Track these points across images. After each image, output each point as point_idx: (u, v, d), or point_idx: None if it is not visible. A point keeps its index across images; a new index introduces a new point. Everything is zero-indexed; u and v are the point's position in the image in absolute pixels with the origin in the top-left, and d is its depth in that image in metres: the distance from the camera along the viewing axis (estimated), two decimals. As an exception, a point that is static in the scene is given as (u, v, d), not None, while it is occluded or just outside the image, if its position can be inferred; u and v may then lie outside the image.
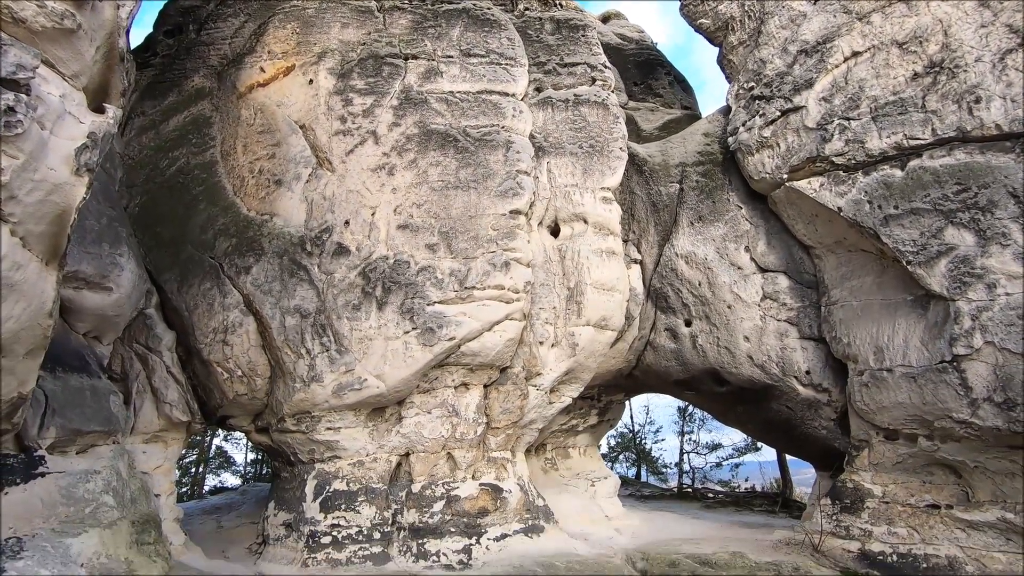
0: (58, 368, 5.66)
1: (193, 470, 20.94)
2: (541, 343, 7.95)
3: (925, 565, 6.23)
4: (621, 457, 19.79)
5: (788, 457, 12.45)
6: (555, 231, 8.59)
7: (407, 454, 7.38)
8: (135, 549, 4.96)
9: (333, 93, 8.10)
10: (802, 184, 7.51)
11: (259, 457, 21.53)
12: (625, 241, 9.25)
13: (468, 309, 7.28)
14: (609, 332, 8.31)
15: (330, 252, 7.37)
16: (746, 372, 8.26)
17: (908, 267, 6.41)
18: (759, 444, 16.12)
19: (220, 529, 9.27)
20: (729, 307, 8.37)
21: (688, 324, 8.88)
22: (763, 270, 8.38)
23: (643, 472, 17.91)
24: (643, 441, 18.13)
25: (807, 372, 7.89)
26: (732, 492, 13.36)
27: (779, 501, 11.06)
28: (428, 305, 7.18)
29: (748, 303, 8.26)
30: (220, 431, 20.94)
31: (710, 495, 12.63)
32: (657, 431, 17.96)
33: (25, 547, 4.15)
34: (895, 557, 6.43)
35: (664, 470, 18.62)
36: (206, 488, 19.79)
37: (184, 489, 20.11)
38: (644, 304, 9.13)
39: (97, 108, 3.84)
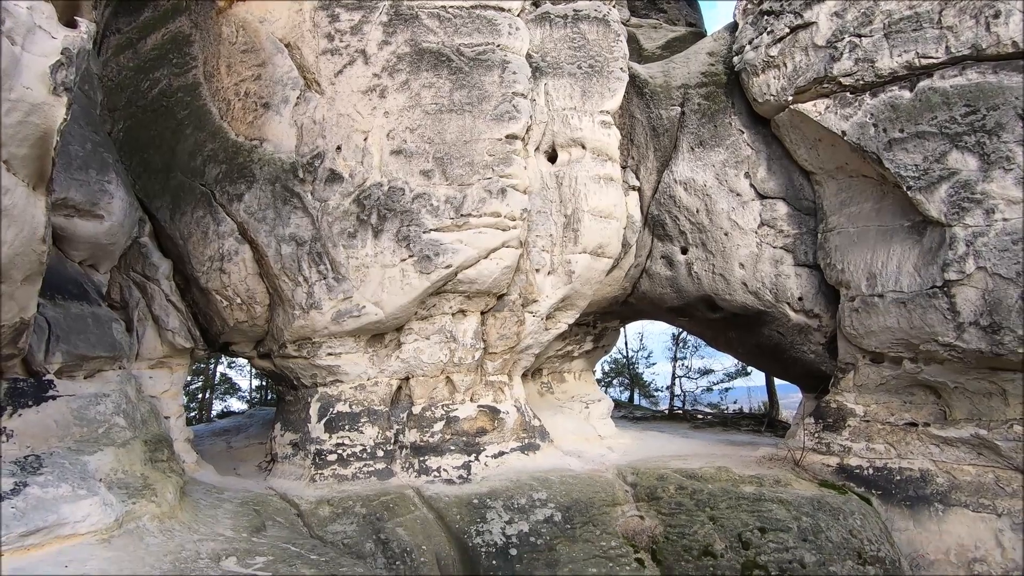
0: (58, 296, 5.70)
1: (200, 396, 21.62)
2: (538, 270, 7.99)
3: (899, 477, 6.61)
4: (615, 382, 20.47)
5: (776, 381, 12.89)
6: (552, 157, 8.41)
7: (407, 378, 7.60)
8: (149, 466, 5.20)
9: (318, 8, 7.66)
10: (807, 107, 7.28)
11: (264, 383, 22.16)
12: (623, 167, 9.08)
13: (464, 237, 7.25)
14: (606, 260, 8.34)
15: (323, 179, 7.24)
16: (740, 299, 8.37)
17: (908, 193, 6.36)
18: (749, 369, 16.64)
19: (230, 449, 9.71)
20: (726, 234, 8.36)
21: (684, 252, 8.90)
22: (762, 197, 8.30)
23: (636, 396, 18.57)
24: (636, 367, 18.70)
25: (799, 298, 8.00)
26: (720, 413, 13.94)
27: (765, 422, 11.56)
28: (424, 233, 7.15)
29: (745, 230, 8.24)
30: (224, 358, 21.43)
31: (699, 416, 13.18)
32: (649, 357, 18.47)
33: (44, 463, 4.35)
34: (871, 471, 6.81)
35: (656, 394, 19.31)
36: (214, 413, 20.52)
37: (192, 414, 20.86)
38: (641, 232, 9.10)
39: (68, 22, 3.63)
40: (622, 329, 12.78)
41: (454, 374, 7.62)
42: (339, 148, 7.34)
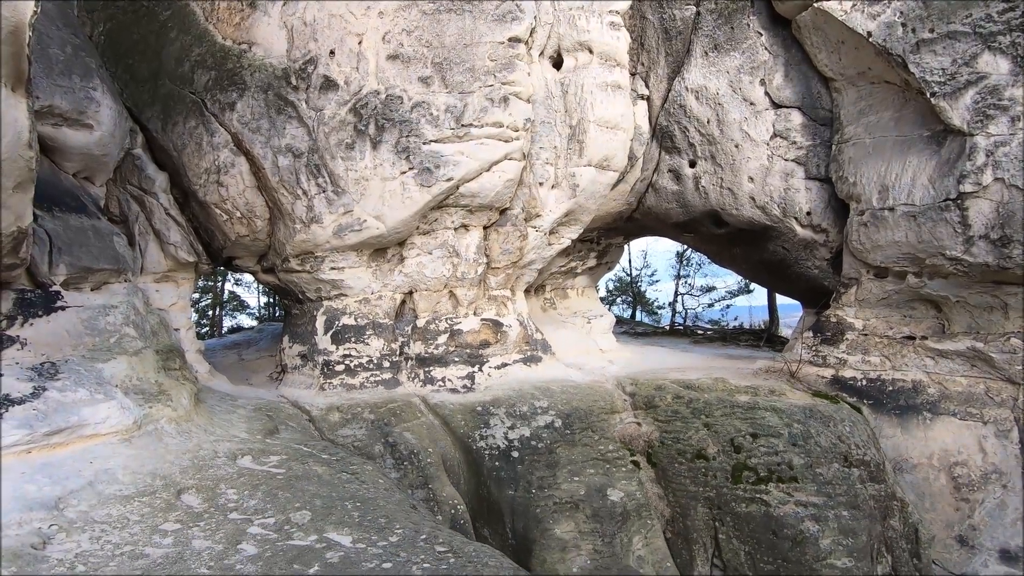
0: (55, 208, 5.64)
1: (211, 312, 22.08)
2: (541, 184, 7.82)
3: (891, 388, 6.79)
4: (619, 300, 20.69)
5: (778, 299, 12.97)
6: (557, 63, 7.97)
7: (411, 292, 7.67)
8: (163, 374, 5.37)
9: None
10: (831, 4, 6.77)
11: (272, 300, 22.54)
12: (632, 75, 8.63)
13: (466, 148, 7.04)
14: (611, 173, 8.12)
15: (317, 86, 6.92)
16: (747, 213, 8.23)
17: (931, 99, 6.04)
18: (751, 287, 16.73)
19: (242, 361, 10.02)
20: (736, 146, 8.08)
21: (692, 165, 8.64)
22: (776, 106, 7.93)
23: (638, 314, 18.83)
24: (640, 285, 18.81)
25: (808, 213, 7.86)
26: (720, 329, 14.16)
27: (764, 337, 11.76)
28: (424, 144, 6.93)
29: (756, 142, 7.95)
30: (232, 276, 21.67)
31: (699, 331, 13.40)
32: (653, 275, 18.53)
33: (60, 370, 4.49)
34: (864, 382, 6.98)
35: (658, 312, 19.57)
36: (224, 329, 21.04)
37: (204, 330, 21.41)
38: (648, 144, 8.80)
39: (26, -100, 3.31)
40: (626, 246, 12.71)
41: (457, 288, 7.68)
42: (332, 52, 6.95)
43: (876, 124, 7.07)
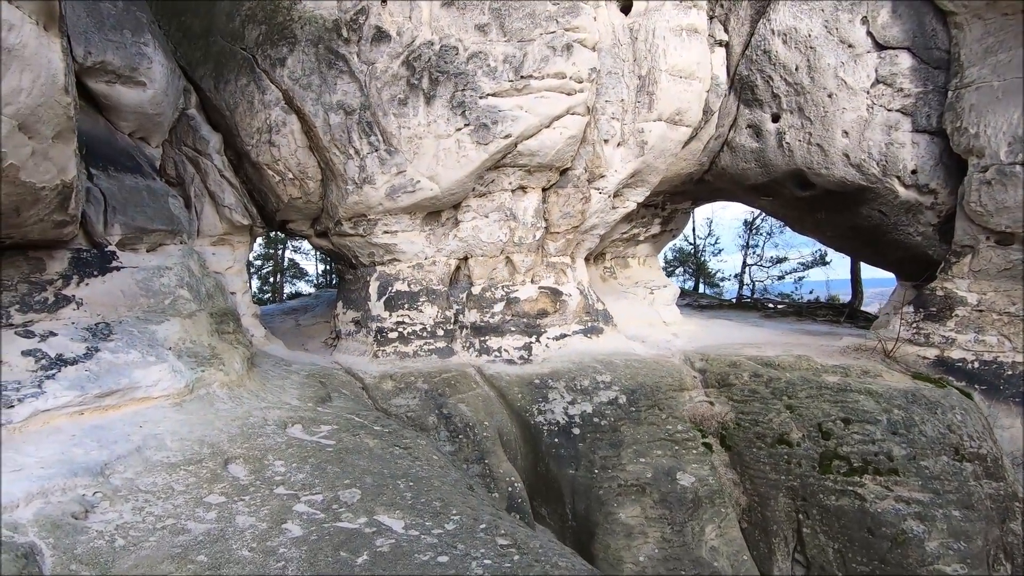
0: (110, 167, 5.56)
1: (272, 279, 22.71)
2: (606, 141, 7.19)
3: (1010, 372, 5.91)
4: (679, 271, 19.75)
5: (862, 270, 11.84)
6: (626, 6, 7.24)
7: (465, 258, 7.31)
8: (216, 337, 5.26)
9: None
10: (962, -81, 5.71)
11: (328, 267, 22.93)
12: (710, 18, 7.77)
13: (525, 102, 6.50)
14: (683, 128, 7.39)
15: (368, 38, 6.51)
16: (838, 173, 7.32)
17: (1090, 27, 4.99)
18: (828, 258, 15.48)
19: (298, 327, 10.04)
20: (830, 96, 7.14)
21: (776, 119, 7.75)
22: (880, 47, 6.91)
23: (701, 285, 17.86)
24: (703, 255, 17.78)
25: (913, 171, 6.89)
26: (794, 303, 13.14)
27: (845, 312, 10.76)
28: (481, 98, 6.44)
29: (854, 90, 6.99)
30: (290, 243, 22.12)
31: (770, 305, 12.47)
32: (717, 243, 17.43)
33: (114, 331, 4.40)
34: (977, 364, 6.12)
35: (721, 284, 18.53)
36: (284, 295, 21.60)
37: (267, 295, 22.07)
38: (726, 97, 7.95)
39: None
40: (692, 212, 11.86)
41: (514, 254, 7.25)
42: (384, 0, 6.50)
43: (1006, 64, 6.01)
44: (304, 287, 22.99)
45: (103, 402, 3.83)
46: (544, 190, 7.35)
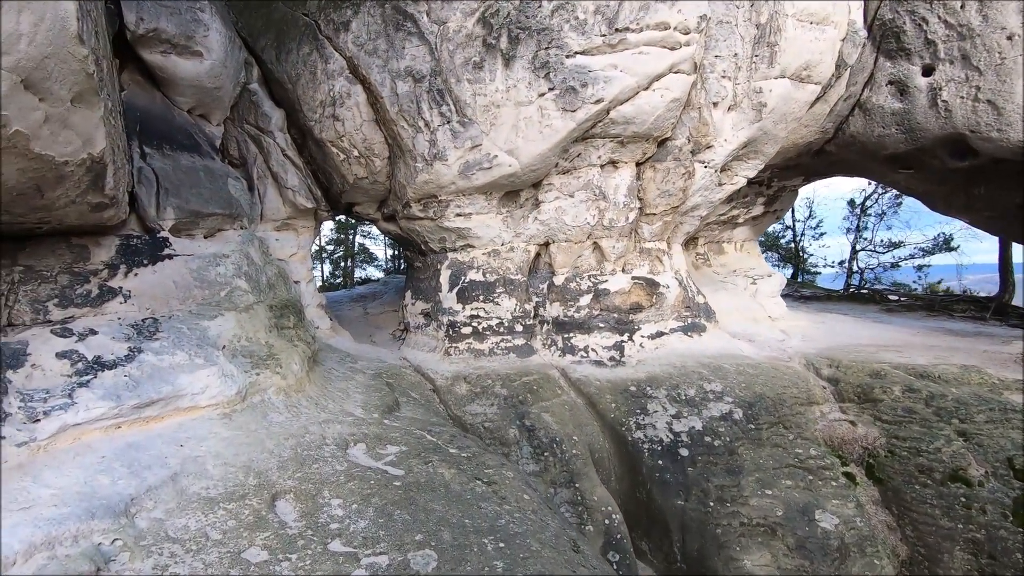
0: (165, 145, 5.10)
1: (343, 264, 22.85)
2: (715, 104, 6.07)
3: None
4: (766, 256, 17.96)
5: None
6: (742, -60, 6.02)
7: (547, 243, 6.44)
8: (275, 333, 4.70)
9: None
10: None
11: (397, 252, 22.79)
12: (846, -50, 6.38)
13: (619, 60, 5.50)
14: (811, 87, 6.13)
15: (440, -7, 5.71)
16: (1016, 136, 5.83)
17: None
18: (953, 243, 13.40)
19: (366, 315, 9.58)
20: (1009, 38, 5.65)
21: (928, 72, 6.31)
22: (1086, -29, 5.34)
23: (799, 274, 16.09)
24: (801, 239, 15.95)
25: None
26: (923, 294, 11.38)
27: (991, 307, 9.04)
28: (567, 57, 5.50)
29: (1047, 28, 5.47)
30: (360, 228, 22.10)
31: (892, 297, 10.81)
32: (818, 227, 15.53)
33: (161, 328, 3.90)
34: None
35: (815, 270, 16.63)
36: (356, 279, 21.65)
37: (339, 280, 22.22)
38: (862, 48, 6.57)
39: None
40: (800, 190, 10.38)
41: (603, 239, 6.30)
42: (457, -52, 5.67)
43: None
44: (373, 272, 23.00)
45: (142, 413, 3.29)
46: (638, 164, 6.34)
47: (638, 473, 4.79)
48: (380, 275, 22.69)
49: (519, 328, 6.21)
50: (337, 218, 15.47)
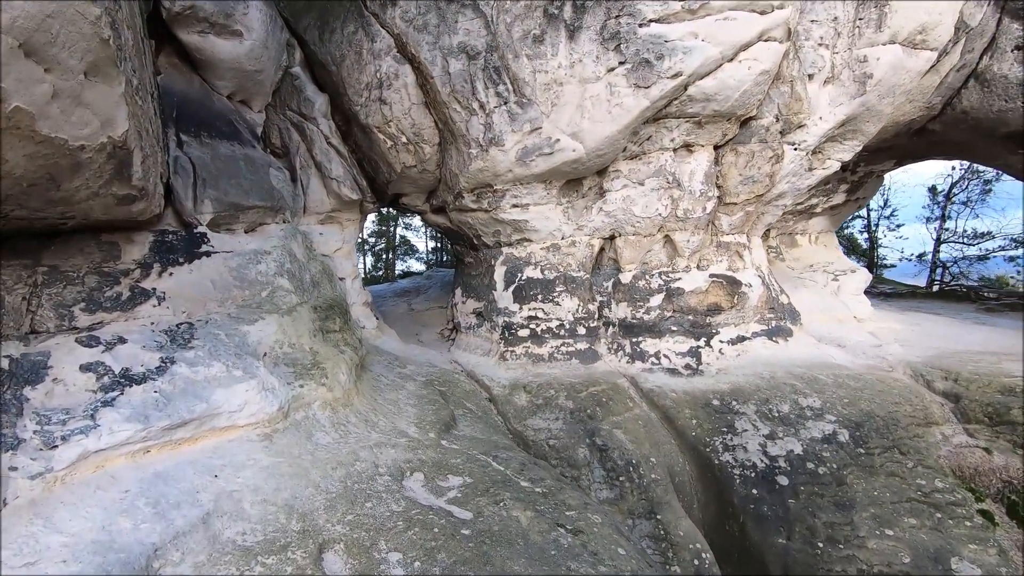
0: (203, 133, 4.72)
1: (384, 256, 22.69)
2: (810, 77, 5.30)
3: None
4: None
5: None
6: None
7: (612, 237, 5.83)
8: (320, 338, 4.26)
9: None
10: None
11: (439, 244, 22.46)
12: None
13: (701, 28, 4.81)
14: (925, 54, 5.28)
15: (496, -40, 5.13)
16: None
17: None
18: (1054, 233, 12.00)
19: (411, 311, 9.18)
20: None
21: (1068, 33, 5.35)
22: None
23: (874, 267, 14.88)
24: (876, 229, 14.70)
25: None
26: (1026, 293, 10.18)
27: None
28: (641, 26, 4.85)
29: None
30: (401, 220, 21.84)
31: (989, 295, 9.69)
32: (893, 216, 14.25)
33: (196, 334, 3.49)
34: None
35: (890, 264, 15.34)
36: (397, 272, 21.45)
37: (380, 272, 22.07)
38: (984, 7, 5.65)
39: None
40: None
41: (676, 232, 5.64)
42: (517, -94, 5.07)
43: None
44: (414, 264, 22.76)
45: (173, 435, 2.88)
46: (716, 148, 5.64)
47: (728, 502, 4.16)
48: (421, 267, 22.44)
49: (581, 331, 5.63)
50: (380, 210, 15.17)
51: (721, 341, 5.46)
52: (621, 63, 4.93)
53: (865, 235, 14.50)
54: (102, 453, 2.64)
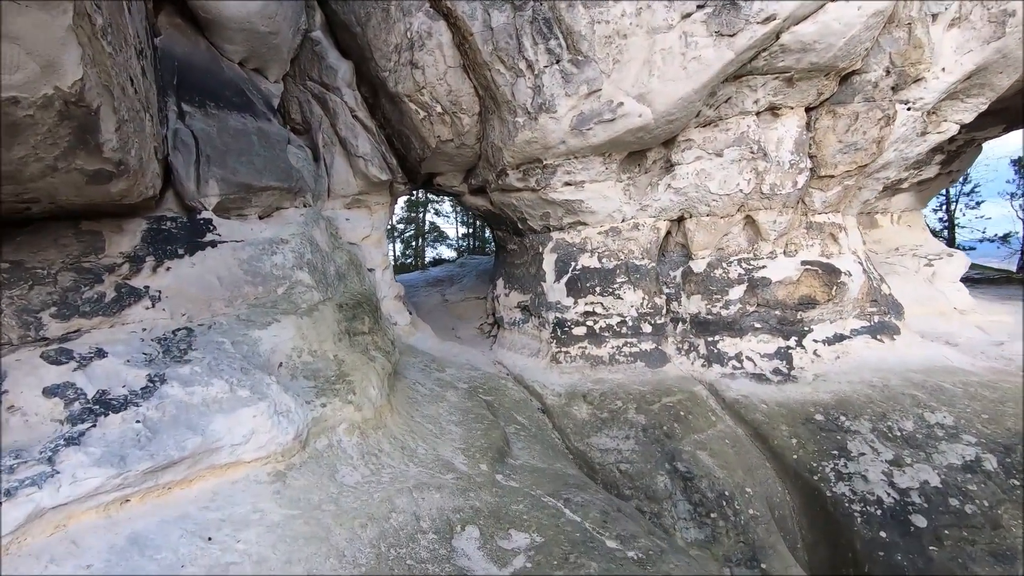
0: (210, 103, 4.05)
1: (414, 243, 22.13)
2: (933, 18, 4.32)
3: None
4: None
5: None
6: None
7: (681, 218, 5.00)
8: (346, 342, 3.59)
9: None
10: None
11: (471, 230, 21.77)
12: None
13: (800, -41, 3.90)
14: (1083, -16, 4.24)
15: None
16: None
17: None
18: None
19: (446, 303, 8.50)
20: None
21: None
22: None
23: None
24: (956, 206, 13.34)
25: None
26: None
27: None
28: (725, -40, 3.96)
29: None
30: (431, 206, 21.20)
31: (1102, 281, 8.48)
32: (973, 192, 12.87)
33: (195, 344, 2.84)
34: None
35: (962, 247, 13.98)
36: (427, 259, 20.87)
37: (409, 260, 21.54)
38: None
39: None
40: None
41: (759, 212, 4.77)
42: None
43: None
44: (445, 251, 22.14)
45: (159, 479, 2.24)
46: (808, 110, 4.72)
47: (847, 546, 3.35)
48: (451, 254, 21.82)
49: (647, 328, 4.84)
50: (412, 192, 14.52)
51: (815, 341, 4.60)
52: (700, 7, 4.06)
53: (940, 213, 13.16)
54: (63, 509, 2.01)
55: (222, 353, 2.85)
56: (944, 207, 13.08)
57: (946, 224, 13.10)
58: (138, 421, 2.34)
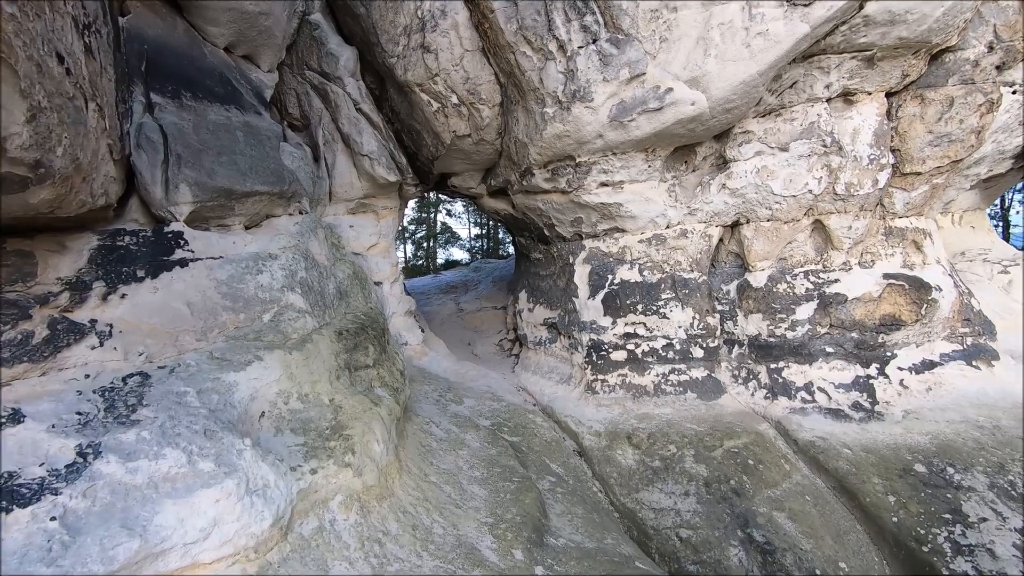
0: (185, 93, 3.43)
1: (425, 245, 21.52)
2: (1052, -18, 3.58)
3: None
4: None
5: None
6: None
7: (736, 224, 4.29)
8: (345, 380, 2.95)
9: None
10: None
11: (484, 231, 21.16)
12: None
13: (892, -89, 3.19)
14: None
15: None
16: None
17: None
18: None
19: (460, 312, 7.86)
20: None
21: None
22: None
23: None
24: (1010, 205, 12.43)
25: None
26: None
27: None
28: (799, -86, 3.26)
29: None
30: (442, 206, 20.58)
31: None
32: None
33: (149, 396, 2.22)
34: None
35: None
36: (439, 262, 20.27)
37: (420, 262, 20.95)
38: None
39: None
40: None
41: (831, 216, 4.06)
42: None
43: None
44: (457, 253, 21.52)
45: (78, 605, 1.60)
46: (888, 96, 4.00)
47: (974, 643, 2.64)
48: (463, 255, 21.22)
49: (698, 352, 4.15)
50: (423, 194, 13.87)
51: (900, 368, 3.89)
52: (768, -29, 3.36)
53: (993, 208, 12.25)
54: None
55: (182, 408, 2.21)
56: (999, 203, 12.19)
57: (997, 223, 12.20)
58: (53, 518, 1.71)
